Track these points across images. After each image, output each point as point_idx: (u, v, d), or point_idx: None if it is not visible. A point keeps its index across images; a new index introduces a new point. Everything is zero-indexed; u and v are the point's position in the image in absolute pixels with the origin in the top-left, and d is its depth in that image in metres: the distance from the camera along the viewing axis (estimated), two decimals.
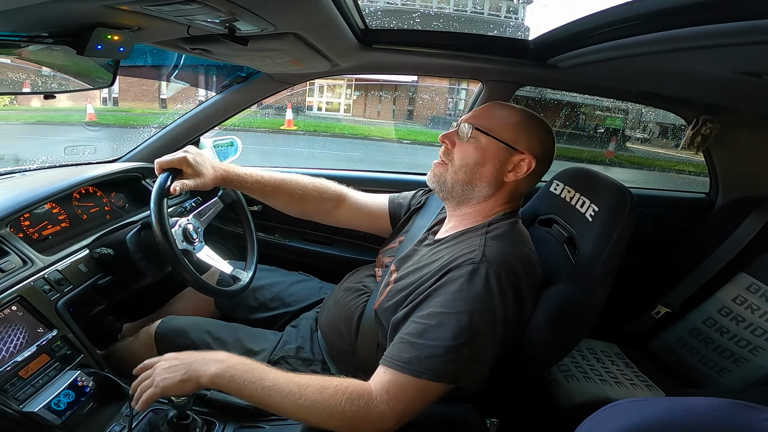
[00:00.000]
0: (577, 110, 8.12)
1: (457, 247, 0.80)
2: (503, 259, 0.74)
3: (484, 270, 0.72)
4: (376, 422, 0.67)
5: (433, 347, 0.68)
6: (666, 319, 1.36)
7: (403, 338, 0.72)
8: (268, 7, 0.68)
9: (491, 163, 0.82)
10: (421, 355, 0.68)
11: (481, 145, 0.82)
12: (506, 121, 0.83)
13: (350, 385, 0.69)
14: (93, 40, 0.71)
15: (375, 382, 0.70)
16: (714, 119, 1.35)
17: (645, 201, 1.55)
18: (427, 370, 0.67)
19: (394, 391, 0.68)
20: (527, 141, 0.82)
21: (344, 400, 0.66)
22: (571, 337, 0.80)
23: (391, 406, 0.67)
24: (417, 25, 1.22)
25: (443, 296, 0.72)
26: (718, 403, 0.57)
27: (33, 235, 1.02)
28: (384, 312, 0.83)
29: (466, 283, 0.71)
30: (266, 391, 0.67)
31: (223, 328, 1.04)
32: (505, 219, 0.84)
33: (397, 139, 8.80)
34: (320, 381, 0.69)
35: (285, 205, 1.05)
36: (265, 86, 1.43)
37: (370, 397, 0.67)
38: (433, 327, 0.70)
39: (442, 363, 0.68)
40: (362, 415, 0.66)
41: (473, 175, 0.83)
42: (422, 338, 0.70)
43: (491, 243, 0.77)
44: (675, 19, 0.61)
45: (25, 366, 0.79)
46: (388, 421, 0.67)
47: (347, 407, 0.66)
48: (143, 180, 1.36)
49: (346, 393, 0.67)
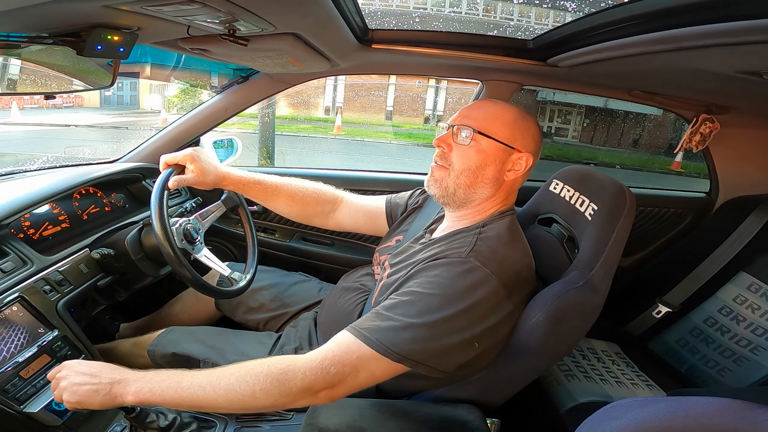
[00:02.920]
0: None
1: (448, 245, 0.81)
2: (492, 257, 0.73)
3: (470, 264, 0.71)
4: (304, 384, 0.63)
5: (395, 320, 0.68)
6: (666, 319, 1.36)
7: (375, 310, 0.72)
8: (268, 7, 0.68)
9: (493, 165, 0.82)
10: (381, 325, 0.68)
11: (482, 148, 0.81)
12: (502, 121, 0.82)
13: (273, 357, 0.67)
14: (93, 40, 0.71)
15: (319, 348, 0.68)
16: (714, 118, 1.35)
17: (645, 201, 1.55)
18: (377, 341, 0.66)
19: (335, 351, 0.66)
20: (523, 139, 0.82)
21: (265, 368, 0.64)
22: (571, 336, 0.80)
23: (324, 366, 0.64)
24: (417, 25, 1.22)
25: (422, 277, 0.73)
26: (719, 402, 0.57)
27: (33, 236, 1.02)
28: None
29: (447, 270, 0.71)
30: (187, 391, 0.64)
31: (217, 335, 1.04)
32: (499, 218, 0.84)
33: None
34: (241, 363, 0.67)
35: (285, 207, 1.06)
36: (265, 86, 1.43)
37: (294, 360, 0.65)
38: (403, 303, 0.70)
39: (397, 338, 0.66)
40: (288, 378, 0.63)
41: (476, 178, 0.82)
42: (390, 311, 0.70)
43: (482, 242, 0.77)
44: (675, 19, 0.61)
45: (26, 366, 0.79)
46: (319, 382, 0.64)
47: (270, 375, 0.63)
48: (143, 180, 1.36)
49: (267, 362, 0.65)
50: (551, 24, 4.35)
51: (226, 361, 0.96)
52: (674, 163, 7.61)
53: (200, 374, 0.66)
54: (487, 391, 0.84)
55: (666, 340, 1.36)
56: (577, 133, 10.40)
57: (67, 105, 8.00)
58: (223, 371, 0.66)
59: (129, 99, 9.80)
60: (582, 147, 9.95)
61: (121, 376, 0.67)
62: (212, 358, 0.97)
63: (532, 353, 0.77)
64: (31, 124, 6.97)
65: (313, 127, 9.00)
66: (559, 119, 10.41)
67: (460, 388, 0.85)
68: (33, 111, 7.11)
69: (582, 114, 10.31)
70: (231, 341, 1.02)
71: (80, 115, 8.20)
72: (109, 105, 9.58)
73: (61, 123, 7.33)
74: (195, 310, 1.27)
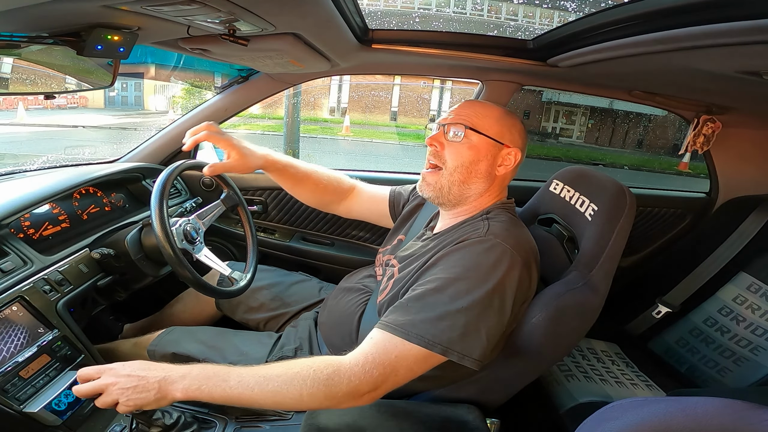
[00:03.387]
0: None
1: (459, 232, 0.82)
2: (509, 235, 0.75)
3: (490, 242, 0.73)
4: (350, 389, 0.65)
5: (428, 310, 0.68)
6: (666, 319, 1.36)
7: (401, 303, 0.72)
8: (268, 7, 0.68)
9: (485, 160, 0.84)
10: (415, 318, 0.68)
11: (473, 144, 0.84)
12: (491, 118, 0.85)
13: (316, 359, 0.68)
14: (93, 40, 0.71)
15: (356, 348, 0.69)
16: (714, 118, 1.35)
17: (645, 201, 1.55)
18: (418, 335, 0.66)
19: (375, 354, 0.67)
20: (510, 135, 0.85)
21: (311, 373, 0.65)
22: (571, 336, 0.80)
23: (367, 369, 0.65)
24: (417, 25, 1.22)
25: (446, 263, 0.73)
26: (719, 402, 0.57)
27: (33, 236, 1.01)
28: (388, 305, 0.83)
29: (470, 251, 0.72)
30: (235, 390, 0.66)
31: (217, 335, 1.04)
32: (501, 208, 0.86)
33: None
34: (285, 364, 0.68)
35: (309, 194, 1.12)
36: (265, 86, 1.43)
37: (338, 365, 0.66)
38: (431, 291, 0.70)
39: (435, 329, 0.66)
40: (334, 383, 0.64)
41: (469, 173, 0.84)
42: (419, 301, 0.70)
43: (495, 223, 0.79)
44: (675, 19, 0.61)
45: (26, 366, 0.79)
46: (364, 386, 0.65)
47: (317, 379, 0.64)
48: (143, 180, 1.36)
49: (313, 367, 0.66)
50: (555, 24, 4.38)
51: (226, 361, 0.96)
52: (681, 164, 7.67)
53: (246, 374, 0.67)
54: (487, 391, 0.84)
55: (666, 340, 1.36)
56: (582, 134, 10.43)
57: (71, 106, 8.00)
58: (268, 372, 0.66)
59: (133, 100, 9.82)
60: (587, 148, 9.99)
61: (164, 373, 0.68)
62: (212, 358, 0.97)
63: (532, 353, 0.77)
64: (38, 125, 6.96)
65: (321, 128, 9.00)
66: (564, 120, 10.45)
67: (460, 388, 0.85)
68: (37, 112, 7.10)
69: (587, 114, 10.35)
70: (231, 341, 1.02)
71: (85, 116, 8.19)
72: (113, 106, 9.59)
73: (68, 124, 7.33)
74: (196, 310, 1.27)
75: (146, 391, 0.66)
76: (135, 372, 0.68)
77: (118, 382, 0.67)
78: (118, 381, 0.67)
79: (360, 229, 1.58)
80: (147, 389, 0.66)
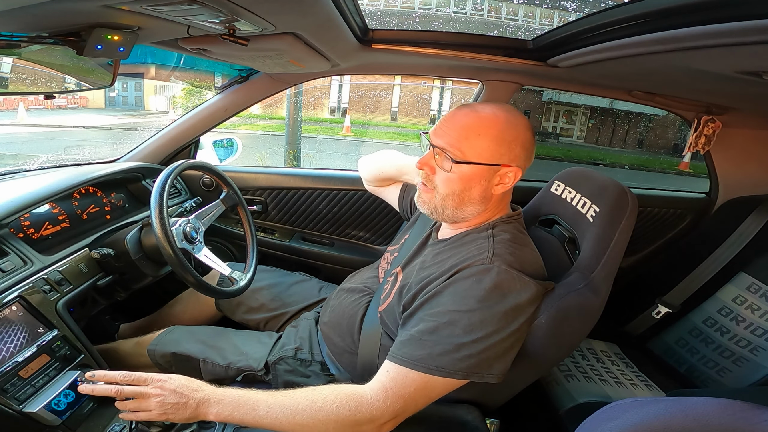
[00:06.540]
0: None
1: (464, 249, 0.80)
2: (515, 259, 0.74)
3: (496, 268, 0.72)
4: (373, 421, 0.68)
5: (445, 344, 0.69)
6: (666, 319, 1.36)
7: (412, 336, 0.72)
8: (268, 7, 0.68)
9: (477, 186, 0.79)
10: (433, 352, 0.69)
11: (464, 174, 0.77)
12: (486, 138, 0.76)
13: (339, 392, 0.69)
14: (93, 40, 0.71)
15: (374, 381, 0.71)
16: (715, 118, 1.35)
17: (645, 201, 1.55)
18: (438, 368, 0.68)
19: (394, 389, 0.68)
20: (510, 152, 0.77)
21: (336, 407, 0.67)
22: (572, 337, 0.80)
23: (388, 403, 0.68)
24: (417, 25, 1.22)
25: (453, 295, 0.72)
26: (718, 403, 0.57)
27: (33, 235, 1.01)
28: (390, 314, 0.83)
29: (477, 282, 0.72)
30: (264, 420, 0.68)
31: (217, 335, 1.04)
32: (506, 221, 0.84)
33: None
34: (309, 396, 0.69)
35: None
36: (265, 86, 1.43)
37: (362, 398, 0.68)
38: (445, 324, 0.70)
39: (455, 359, 0.68)
40: (359, 417, 0.67)
41: (461, 200, 0.80)
42: (433, 335, 0.70)
43: (499, 244, 0.77)
44: (675, 19, 0.61)
45: (26, 366, 0.79)
46: (385, 417, 0.68)
47: (341, 413, 0.67)
48: (143, 180, 1.36)
49: (336, 401, 0.68)
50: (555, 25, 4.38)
51: (226, 360, 0.96)
52: (682, 163, 7.69)
53: (274, 405, 0.69)
54: (488, 391, 0.84)
55: (665, 340, 1.36)
56: (582, 134, 10.43)
57: (71, 106, 7.99)
58: (295, 405, 0.68)
59: (134, 100, 9.82)
60: (587, 147, 9.99)
61: (204, 395, 0.70)
62: (212, 357, 0.97)
63: (534, 355, 0.77)
64: (39, 125, 6.96)
65: (321, 129, 8.99)
66: (564, 119, 10.45)
67: (460, 388, 0.84)
68: (38, 112, 7.10)
69: (587, 114, 10.35)
70: (231, 341, 1.02)
71: (86, 116, 8.18)
72: (113, 106, 9.59)
73: (69, 124, 7.33)
74: (195, 310, 1.27)
75: (184, 410, 0.68)
76: (180, 389, 0.69)
77: (163, 395, 0.68)
78: (163, 395, 0.68)
79: (360, 229, 1.58)
80: (186, 408, 0.68)
